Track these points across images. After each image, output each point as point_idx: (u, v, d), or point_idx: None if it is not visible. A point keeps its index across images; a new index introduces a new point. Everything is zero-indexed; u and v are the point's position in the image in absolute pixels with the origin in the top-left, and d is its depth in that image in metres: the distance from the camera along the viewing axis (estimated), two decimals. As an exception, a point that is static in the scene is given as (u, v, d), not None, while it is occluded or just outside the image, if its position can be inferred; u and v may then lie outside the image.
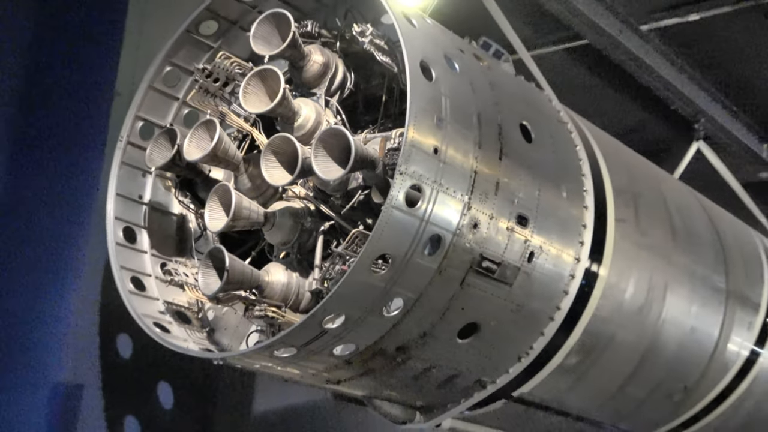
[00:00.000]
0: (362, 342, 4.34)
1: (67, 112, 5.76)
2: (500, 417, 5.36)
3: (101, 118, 5.52)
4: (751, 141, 8.30)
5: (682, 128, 7.96)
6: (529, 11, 6.81)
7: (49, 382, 5.23)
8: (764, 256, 6.53)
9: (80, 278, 5.34)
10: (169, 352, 4.58)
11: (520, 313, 4.70)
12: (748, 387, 6.15)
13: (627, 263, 5.15)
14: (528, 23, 6.84)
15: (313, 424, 7.78)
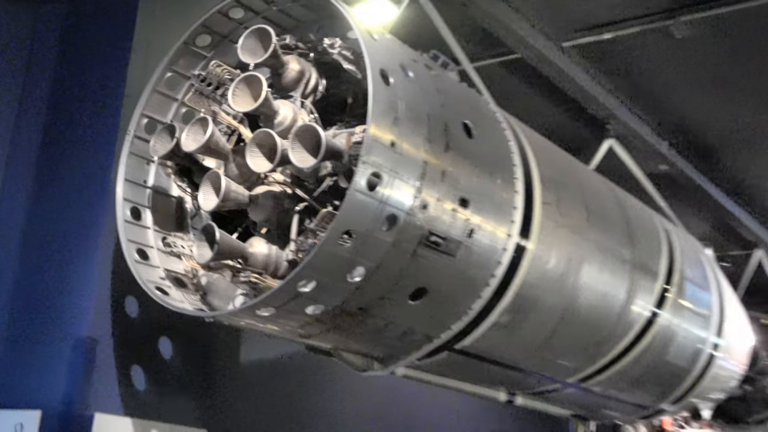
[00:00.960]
0: (330, 303, 4.34)
1: (86, 112, 5.77)
2: (444, 366, 5.39)
3: (114, 116, 5.50)
4: (653, 139, 8.38)
5: (596, 128, 8.02)
6: (471, 29, 6.83)
7: (71, 336, 5.23)
8: (662, 234, 6.59)
9: (97, 250, 5.32)
10: (169, 312, 4.58)
11: (462, 280, 4.72)
12: (649, 342, 6.23)
13: (550, 239, 5.18)
14: (470, 39, 6.85)
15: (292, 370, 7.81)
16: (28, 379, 5.31)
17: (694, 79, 7.91)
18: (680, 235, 7.05)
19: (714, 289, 7.13)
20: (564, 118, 8.16)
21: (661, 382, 6.76)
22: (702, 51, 7.37)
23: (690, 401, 7.31)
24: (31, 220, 5.75)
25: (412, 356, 5.09)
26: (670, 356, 6.51)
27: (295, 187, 4.48)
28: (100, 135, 5.55)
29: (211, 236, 4.31)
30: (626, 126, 8.04)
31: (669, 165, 8.82)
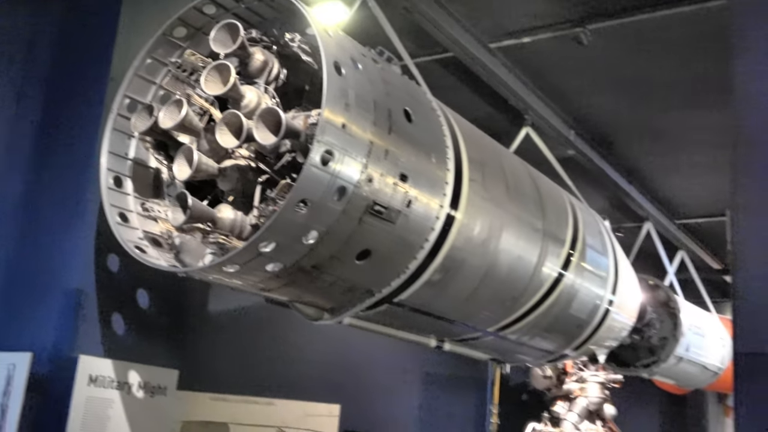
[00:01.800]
0: (287, 261, 4.29)
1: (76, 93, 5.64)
2: (384, 316, 5.37)
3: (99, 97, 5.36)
4: (562, 128, 8.44)
5: (516, 118, 8.06)
6: (412, 30, 6.79)
7: (60, 288, 5.14)
8: (568, 207, 6.64)
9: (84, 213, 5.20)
10: (146, 268, 4.51)
11: (400, 243, 4.70)
12: (556, 297, 6.28)
13: (475, 210, 5.18)
14: (411, 39, 6.80)
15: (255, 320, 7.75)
16: (21, 326, 5.20)
17: (596, 80, 7.99)
18: (583, 209, 7.11)
19: (610, 255, 7.23)
20: (489, 109, 8.18)
21: (566, 331, 6.85)
22: (604, 56, 7.45)
23: (589, 348, 7.42)
24: (27, 188, 5.61)
25: (357, 308, 5.06)
26: (573, 310, 6.59)
27: (258, 161, 4.41)
28: (87, 113, 5.41)
29: (184, 202, 4.25)
30: (540, 116, 8.09)
31: (575, 150, 8.90)
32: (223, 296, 7.09)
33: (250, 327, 8.06)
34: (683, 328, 9.95)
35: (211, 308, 7.05)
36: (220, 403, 8.88)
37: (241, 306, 7.66)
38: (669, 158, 9.78)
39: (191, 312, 6.45)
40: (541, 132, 8.17)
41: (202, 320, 6.75)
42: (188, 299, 6.30)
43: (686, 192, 10.89)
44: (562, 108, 8.40)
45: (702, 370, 10.93)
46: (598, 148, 9.27)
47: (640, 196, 10.52)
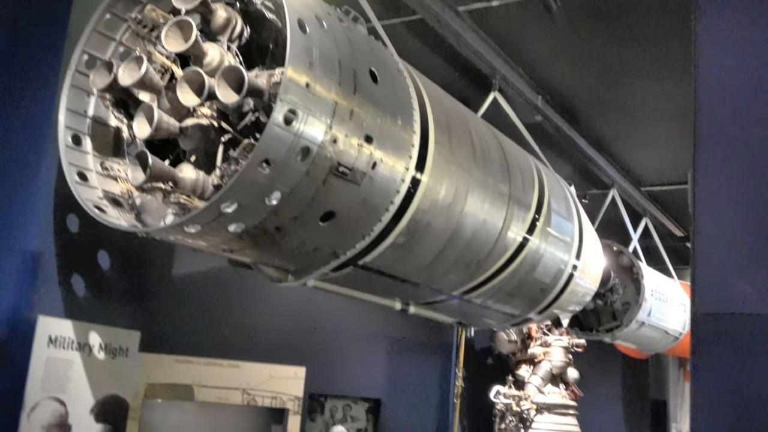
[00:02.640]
0: (250, 222, 4.24)
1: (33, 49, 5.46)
2: (349, 279, 5.35)
3: (58, 54, 5.20)
4: (530, 93, 8.40)
5: (483, 83, 7.99)
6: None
7: (19, 248, 5.03)
8: (535, 172, 6.64)
9: (42, 173, 5.08)
10: (107, 228, 4.43)
11: (365, 206, 4.66)
12: (520, 262, 6.29)
13: (441, 173, 5.15)
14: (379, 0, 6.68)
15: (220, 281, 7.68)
16: (-20, 286, 5.10)
17: (563, 47, 7.94)
18: (549, 174, 7.12)
19: (575, 220, 7.25)
20: (456, 74, 8.10)
21: (530, 295, 6.88)
22: (572, 25, 7.40)
23: (552, 312, 7.47)
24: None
25: (321, 270, 5.03)
26: (537, 274, 6.61)
27: (220, 120, 4.32)
28: (45, 69, 5.26)
29: (144, 161, 4.17)
30: (508, 81, 8.04)
31: (542, 116, 8.89)
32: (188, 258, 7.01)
33: (214, 289, 8.00)
34: (646, 293, 10.08)
35: (174, 270, 6.96)
36: (184, 365, 8.83)
37: (205, 268, 7.59)
38: (634, 128, 9.80)
39: (154, 273, 6.38)
40: (508, 98, 8.12)
41: (165, 282, 6.67)
42: (151, 261, 6.23)
43: (651, 160, 10.97)
44: (530, 74, 8.36)
45: (663, 335, 11.11)
46: (565, 116, 9.26)
47: (606, 163, 10.56)
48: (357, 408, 10.97)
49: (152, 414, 8.55)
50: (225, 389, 9.06)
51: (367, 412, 11.02)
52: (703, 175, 3.28)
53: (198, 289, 8.09)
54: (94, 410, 5.29)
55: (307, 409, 10.04)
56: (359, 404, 10.89)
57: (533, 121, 8.98)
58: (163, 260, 6.62)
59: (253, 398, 9.27)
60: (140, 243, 5.13)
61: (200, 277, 7.93)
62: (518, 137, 7.72)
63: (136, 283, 5.87)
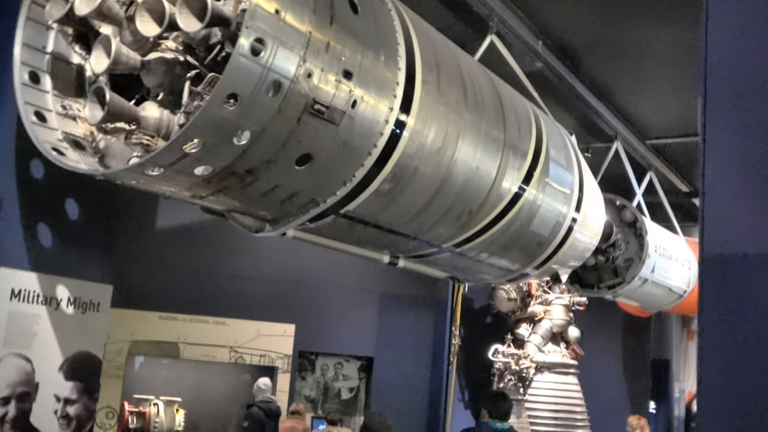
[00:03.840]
0: (217, 164, 3.92)
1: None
2: (331, 229, 5.05)
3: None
4: (530, 37, 7.98)
5: (480, 25, 7.57)
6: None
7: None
8: (532, 118, 6.28)
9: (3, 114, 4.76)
10: (75, 175, 4.12)
11: (345, 148, 4.33)
12: (516, 213, 5.98)
13: (429, 114, 4.81)
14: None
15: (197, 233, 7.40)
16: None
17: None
18: (548, 122, 6.76)
19: (575, 170, 6.91)
20: (451, 15, 7.68)
21: (526, 249, 6.58)
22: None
23: (551, 267, 7.18)
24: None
25: (300, 219, 4.72)
26: (534, 227, 6.30)
27: (186, 54, 3.99)
28: (1, 2, 4.90)
29: (102, 97, 3.86)
30: (506, 24, 7.62)
31: (542, 63, 8.48)
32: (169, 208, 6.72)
33: (197, 242, 7.70)
34: (649, 249, 9.77)
35: (154, 220, 6.67)
36: (169, 322, 8.61)
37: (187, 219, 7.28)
38: (639, 76, 9.40)
39: (130, 223, 6.10)
40: (506, 43, 7.72)
41: (142, 233, 6.39)
42: (127, 210, 5.94)
43: (656, 111, 10.55)
44: (529, 17, 7.93)
45: (667, 293, 10.83)
46: (567, 63, 8.86)
47: (610, 114, 10.17)
48: (349, 366, 10.76)
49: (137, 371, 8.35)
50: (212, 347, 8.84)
51: (360, 371, 10.81)
52: (713, 111, 3.08)
53: (180, 241, 7.78)
54: (63, 367, 5.04)
55: (297, 368, 9.86)
56: (351, 362, 10.68)
57: (533, 68, 8.57)
58: (141, 209, 6.33)
59: (240, 356, 9.05)
60: (114, 191, 4.82)
61: (183, 229, 7.63)
62: (517, 85, 7.35)
63: (109, 233, 5.57)
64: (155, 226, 6.80)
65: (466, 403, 12.89)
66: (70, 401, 5.07)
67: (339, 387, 10.44)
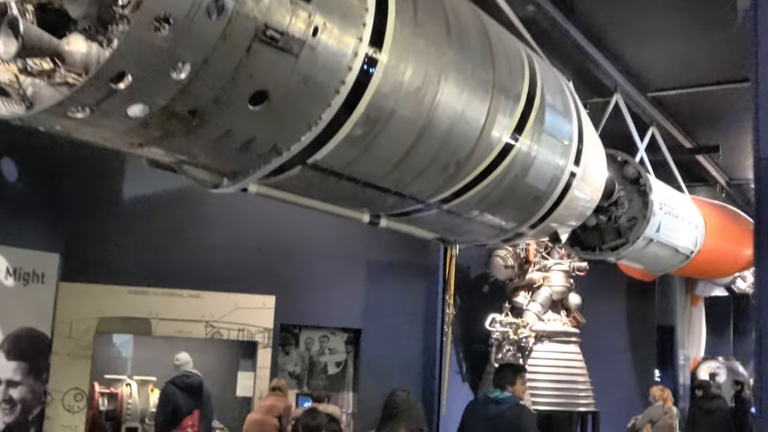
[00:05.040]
0: (154, 103, 3.38)
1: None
2: (300, 183, 4.52)
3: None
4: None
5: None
6: None
7: None
8: (524, 58, 5.73)
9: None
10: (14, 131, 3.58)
11: (308, 85, 3.78)
12: (509, 164, 5.44)
13: (405, 48, 4.27)
14: None
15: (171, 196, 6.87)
16: None
17: None
18: (542, 64, 6.20)
19: (574, 119, 6.36)
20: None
21: (522, 205, 6.05)
22: None
23: (549, 225, 6.65)
24: None
25: (262, 170, 4.19)
26: (530, 179, 5.77)
27: (115, -23, 3.43)
28: None
29: (16, 29, 3.29)
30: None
31: (535, 6, 7.92)
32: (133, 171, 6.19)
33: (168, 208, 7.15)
34: (654, 207, 9.25)
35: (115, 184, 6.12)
36: (139, 297, 8.12)
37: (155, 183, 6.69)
38: (639, 21, 8.85)
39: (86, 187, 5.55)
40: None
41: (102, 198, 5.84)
42: (80, 172, 5.39)
43: (658, 60, 10.01)
44: (522, -45, 7.36)
45: (673, 254, 10.34)
46: (561, 6, 8.29)
47: (609, 64, 9.63)
48: (335, 339, 10.26)
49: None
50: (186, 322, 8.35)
51: (347, 344, 10.30)
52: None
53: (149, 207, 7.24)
54: (3, 346, 4.54)
55: (280, 342, 9.37)
56: (337, 335, 10.17)
57: (525, 14, 7.99)
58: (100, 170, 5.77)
59: (217, 331, 8.56)
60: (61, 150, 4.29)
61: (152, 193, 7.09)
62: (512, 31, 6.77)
63: (58, 197, 5.04)
64: (118, 191, 6.26)
65: (464, 376, 12.47)
66: (14, 383, 4.59)
67: (325, 362, 9.97)
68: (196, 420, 7.30)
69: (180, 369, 7.71)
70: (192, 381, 7.56)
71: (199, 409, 7.40)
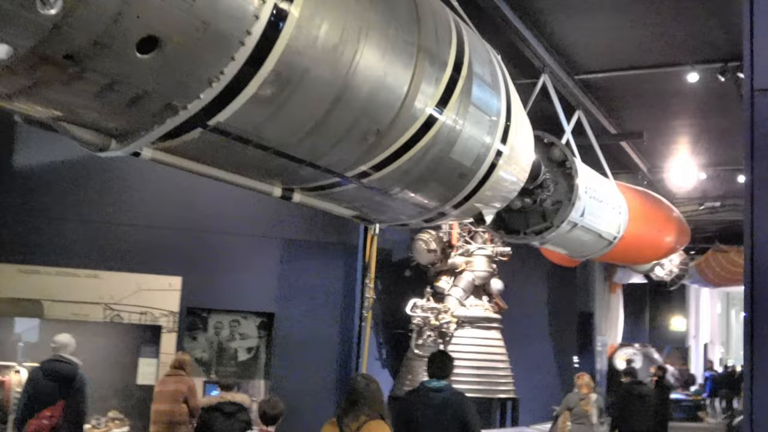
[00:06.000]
0: (19, 44, 2.86)
1: None
2: (201, 148, 4.05)
3: None
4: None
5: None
6: None
7: None
8: (452, 23, 5.37)
9: None
10: None
11: (207, 33, 3.31)
12: (433, 137, 5.08)
13: (320, 1, 3.83)
14: None
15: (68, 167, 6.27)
16: None
17: None
18: (470, 33, 5.85)
19: (502, 93, 6.04)
20: None
21: (446, 181, 5.70)
22: None
23: (473, 205, 6.33)
24: None
25: (155, 131, 3.70)
26: (455, 154, 5.42)
27: None
28: None
29: None
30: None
31: (465, -23, 7.57)
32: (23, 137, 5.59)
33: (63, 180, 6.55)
34: (579, 190, 9.09)
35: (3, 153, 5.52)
36: (30, 276, 7.48)
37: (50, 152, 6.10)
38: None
39: None
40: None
41: None
42: None
43: (586, 41, 9.83)
44: None
45: (597, 239, 10.22)
46: (493, -23, 7.99)
47: (537, 43, 9.38)
48: (247, 324, 9.74)
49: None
50: (82, 304, 7.75)
51: (259, 328, 9.80)
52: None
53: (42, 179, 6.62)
54: None
55: (186, 327, 8.83)
56: (249, 319, 9.66)
57: (454, -12, 7.66)
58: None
59: (117, 314, 7.98)
60: None
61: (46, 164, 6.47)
62: None
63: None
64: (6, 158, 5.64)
65: (384, 362, 12.17)
66: None
67: (235, 348, 9.48)
68: (58, 412, 6.51)
69: (54, 353, 6.91)
70: (61, 368, 6.70)
71: (65, 399, 6.63)
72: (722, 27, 9.17)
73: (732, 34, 9.41)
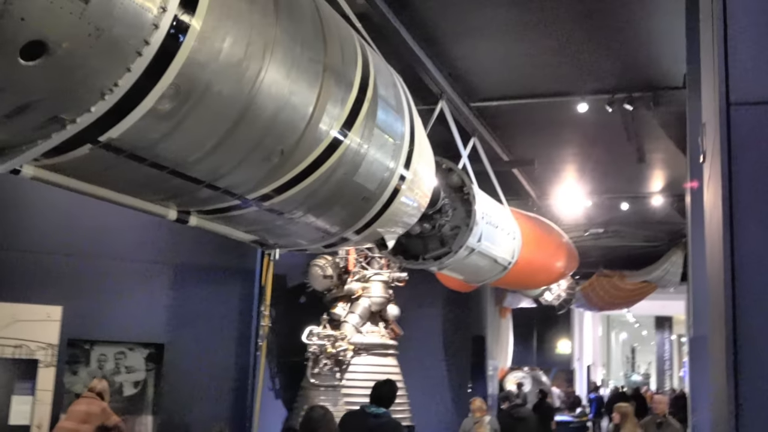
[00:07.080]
0: None
1: None
2: (90, 167, 3.73)
3: None
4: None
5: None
6: None
7: None
8: (357, 43, 5.24)
9: None
10: None
11: (101, 40, 3.03)
12: (340, 157, 4.91)
13: (225, 11, 3.62)
14: None
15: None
16: None
17: None
18: (374, 54, 5.75)
19: (406, 117, 5.95)
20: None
21: (350, 205, 5.54)
22: None
23: (375, 230, 6.20)
24: None
25: (39, 147, 3.36)
26: (360, 178, 5.27)
27: None
28: None
29: None
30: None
31: (368, 2, 7.49)
32: None
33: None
34: (477, 216, 9.12)
35: None
36: None
37: None
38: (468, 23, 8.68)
39: None
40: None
41: None
42: None
43: (483, 68, 9.93)
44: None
45: (493, 264, 10.28)
46: (395, 7, 7.93)
47: (435, 69, 9.40)
48: (134, 356, 9.17)
49: None
50: (-52, 337, 7.09)
51: (148, 360, 9.27)
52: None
53: None
54: None
55: (67, 360, 8.23)
56: (136, 351, 9.10)
57: (356, 9, 7.56)
58: None
59: (-11, 347, 7.35)
60: None
61: None
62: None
63: None
64: None
65: (278, 392, 11.80)
66: None
67: (121, 381, 8.93)
68: None
69: None
70: None
71: None
72: (610, 58, 9.46)
73: (619, 67, 9.73)
